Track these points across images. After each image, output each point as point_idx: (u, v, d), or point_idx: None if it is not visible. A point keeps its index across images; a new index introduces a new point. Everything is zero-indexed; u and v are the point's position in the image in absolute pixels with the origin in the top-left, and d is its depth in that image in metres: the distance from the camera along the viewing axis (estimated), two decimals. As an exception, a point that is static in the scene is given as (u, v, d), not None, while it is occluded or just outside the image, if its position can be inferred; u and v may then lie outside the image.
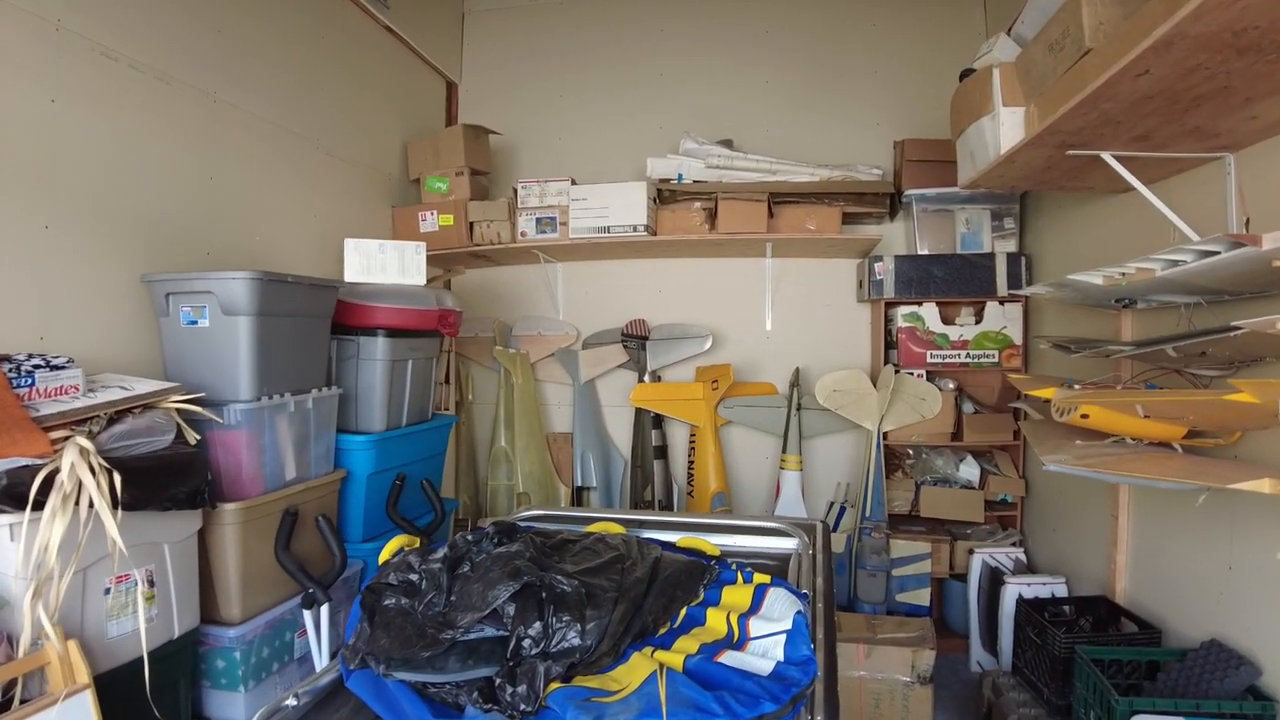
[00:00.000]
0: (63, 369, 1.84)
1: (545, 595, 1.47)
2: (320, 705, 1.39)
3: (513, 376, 3.84)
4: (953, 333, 3.37)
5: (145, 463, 1.84)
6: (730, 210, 3.36)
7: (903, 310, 3.40)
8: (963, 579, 3.28)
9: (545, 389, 4.08)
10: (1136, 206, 2.42)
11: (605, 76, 4.12)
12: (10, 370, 1.73)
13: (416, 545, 1.92)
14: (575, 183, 3.52)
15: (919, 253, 3.44)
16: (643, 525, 2.23)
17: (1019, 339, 3.33)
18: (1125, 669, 2.10)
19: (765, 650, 1.40)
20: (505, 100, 4.23)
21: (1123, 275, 1.79)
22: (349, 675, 1.40)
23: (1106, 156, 1.91)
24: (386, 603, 1.61)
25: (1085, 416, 1.82)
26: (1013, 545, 3.27)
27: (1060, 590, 2.82)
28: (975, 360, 3.36)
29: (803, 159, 3.56)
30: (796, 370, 3.66)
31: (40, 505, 1.57)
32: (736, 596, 1.61)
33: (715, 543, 2.15)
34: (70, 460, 1.62)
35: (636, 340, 3.82)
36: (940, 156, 3.25)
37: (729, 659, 1.36)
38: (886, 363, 3.49)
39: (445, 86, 4.28)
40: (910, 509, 3.47)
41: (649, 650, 1.44)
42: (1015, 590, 2.82)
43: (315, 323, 2.53)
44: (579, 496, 3.87)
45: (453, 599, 1.56)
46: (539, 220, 3.54)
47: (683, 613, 1.62)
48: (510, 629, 1.45)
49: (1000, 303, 3.35)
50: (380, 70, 3.66)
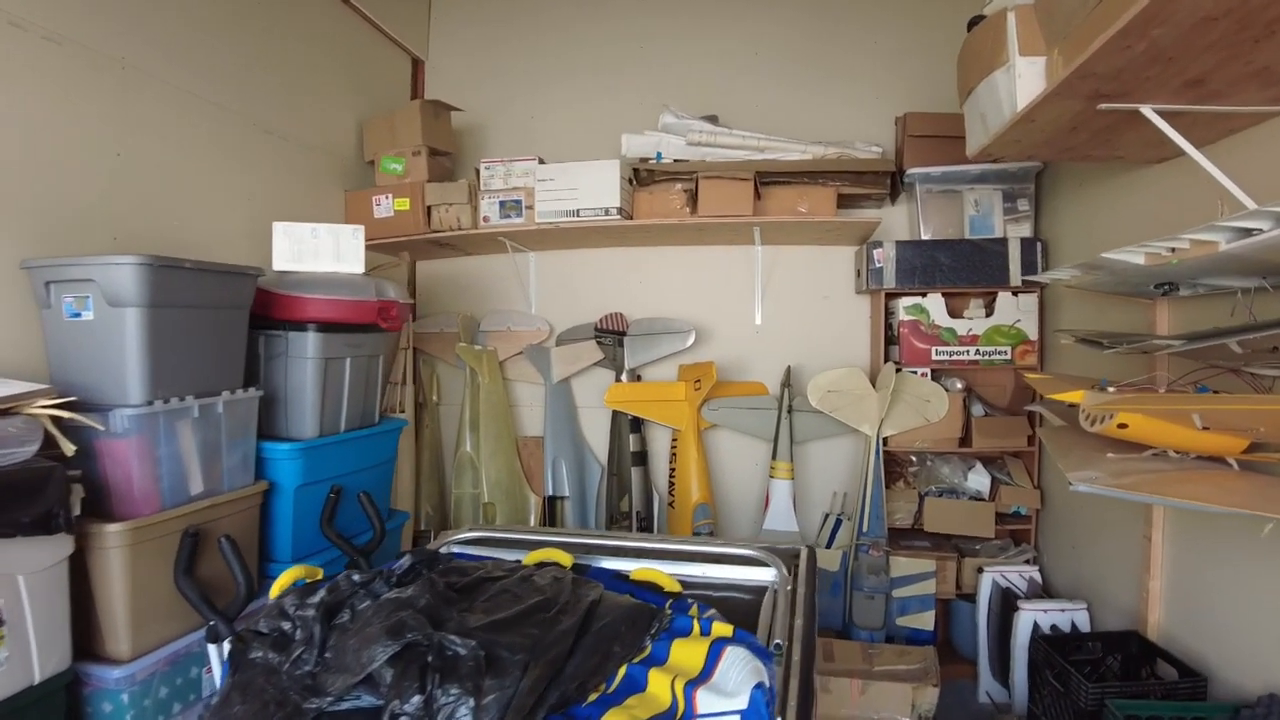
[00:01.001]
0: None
1: (432, 660, 1.15)
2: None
3: (479, 376, 3.52)
4: (960, 327, 3.02)
5: (-23, 482, 1.52)
6: (712, 191, 3.02)
7: (905, 302, 3.06)
8: (971, 599, 2.95)
9: (517, 389, 3.75)
10: (1174, 179, 2.09)
11: (583, 50, 3.79)
12: None
13: (318, 576, 1.61)
14: (543, 162, 3.19)
15: (922, 238, 3.10)
16: (594, 551, 1.91)
17: (1034, 334, 2.98)
18: (1166, 726, 1.76)
19: (713, 737, 1.08)
20: (476, 78, 3.90)
21: (1173, 251, 1.45)
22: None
23: (1148, 111, 1.57)
24: (253, 656, 1.30)
25: (1123, 426, 1.48)
26: (1026, 563, 2.94)
27: (1081, 618, 2.48)
28: (986, 357, 3.02)
29: (796, 136, 3.22)
30: (788, 369, 3.32)
31: None
32: (687, 655, 1.29)
33: (681, 572, 1.84)
34: None
35: (613, 336, 3.49)
36: (946, 131, 2.92)
37: (670, 745, 1.04)
38: (888, 360, 3.15)
39: (411, 64, 3.96)
40: (913, 522, 3.13)
41: (571, 728, 1.11)
42: (1030, 618, 2.49)
43: (228, 315, 2.21)
44: (551, 507, 3.54)
45: (327, 656, 1.24)
46: (503, 204, 3.21)
47: (621, 672, 1.29)
48: (385, 701, 1.13)
49: (1013, 293, 3.00)
50: (334, 44, 3.34)
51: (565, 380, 3.58)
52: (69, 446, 1.77)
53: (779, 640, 1.42)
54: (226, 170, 2.75)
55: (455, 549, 2.00)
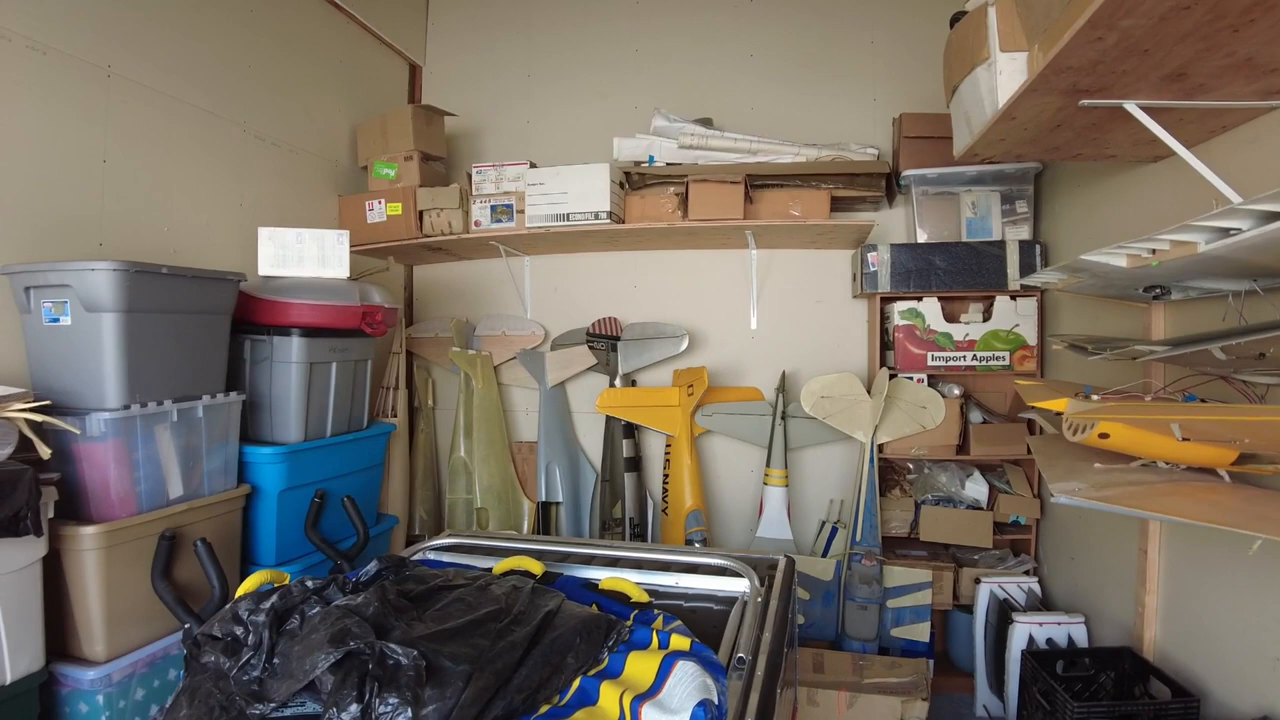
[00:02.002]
0: None
1: (372, 668, 1.12)
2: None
3: (473, 380, 3.50)
4: (957, 332, 2.96)
5: (-59, 485, 1.52)
6: (702, 194, 2.99)
7: (900, 306, 3.00)
8: (969, 610, 2.88)
9: (513, 394, 3.73)
10: (1170, 179, 2.03)
11: (577, 54, 3.76)
12: None
13: (285, 581, 1.59)
14: (535, 166, 3.17)
15: (919, 241, 3.04)
16: (566, 559, 1.88)
17: (1033, 339, 2.91)
18: (1155, 746, 1.70)
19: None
20: (473, 82, 3.90)
21: (1153, 253, 1.39)
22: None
23: (1131, 106, 1.52)
24: (205, 660, 1.28)
25: (1105, 436, 1.43)
26: (1025, 574, 2.87)
27: (1078, 632, 2.41)
28: (983, 363, 2.95)
29: (791, 138, 3.18)
30: (783, 374, 3.28)
31: None
32: (640, 668, 1.25)
33: (654, 582, 1.80)
34: None
35: (606, 341, 3.46)
36: (943, 132, 2.83)
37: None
38: (884, 365, 3.10)
39: (408, 69, 3.96)
40: (910, 531, 3.07)
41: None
42: (1025, 631, 2.43)
43: (208, 320, 2.21)
44: (545, 512, 3.51)
45: (274, 661, 1.22)
46: (494, 208, 3.19)
47: (575, 684, 1.26)
48: (324, 710, 1.11)
49: (1011, 297, 2.93)
50: (328, 50, 3.34)
51: (560, 385, 3.55)
52: (45, 450, 1.78)
53: (741, 654, 1.38)
54: (216, 176, 2.75)
55: (431, 555, 1.98)
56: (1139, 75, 1.42)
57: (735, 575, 1.75)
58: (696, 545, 3.13)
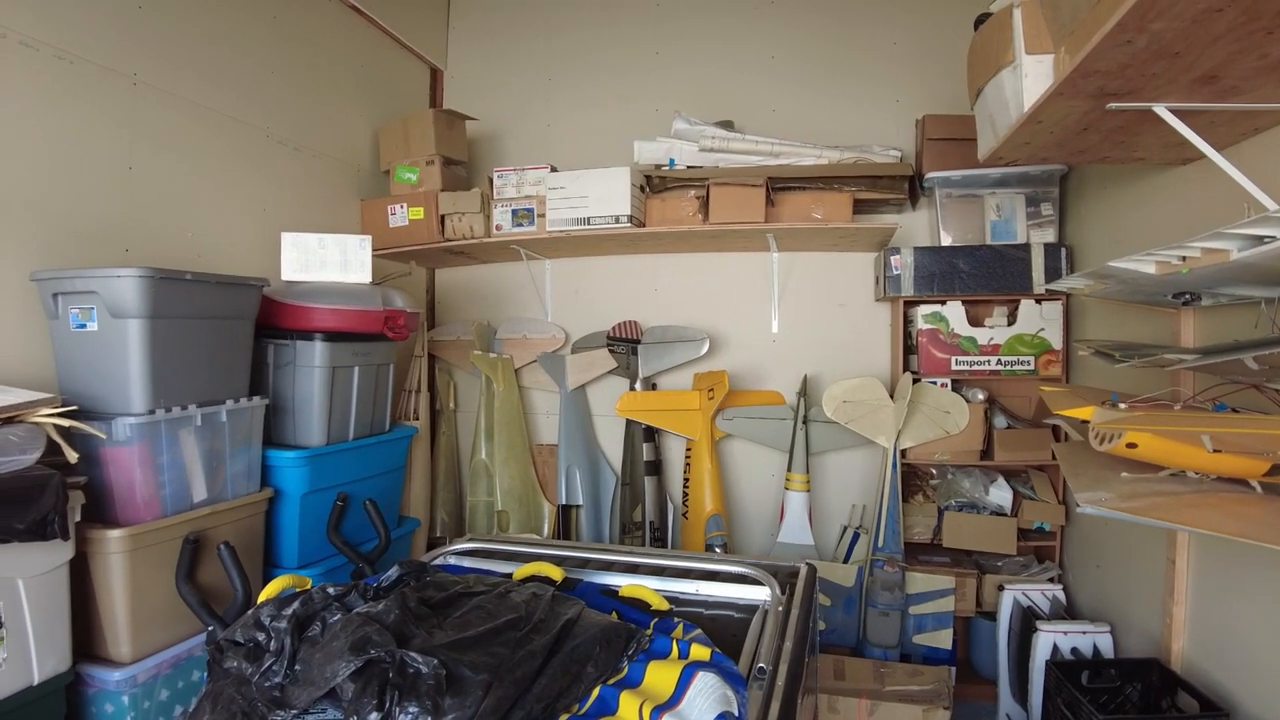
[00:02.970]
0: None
1: (393, 677, 1.13)
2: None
3: (494, 383, 3.51)
4: (981, 336, 2.93)
5: (-29, 489, 1.54)
6: (723, 197, 2.97)
7: (923, 310, 2.97)
8: (992, 618, 2.85)
9: (534, 397, 3.74)
10: (1200, 182, 1.99)
11: (598, 58, 3.77)
12: None
13: (307, 586, 1.60)
14: (555, 170, 3.18)
15: (943, 243, 3.01)
16: (586, 565, 1.88)
17: (1058, 343, 2.87)
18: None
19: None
20: (494, 86, 3.91)
21: (1183, 260, 1.36)
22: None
23: (1160, 110, 1.49)
24: (227, 665, 1.29)
25: (1133, 446, 1.40)
26: (1050, 582, 2.83)
27: (1104, 642, 2.37)
28: (1007, 368, 2.91)
29: (812, 141, 3.15)
30: (805, 378, 3.25)
31: None
32: (660, 679, 1.25)
33: (674, 589, 1.79)
34: None
35: (626, 344, 3.46)
36: (966, 134, 2.79)
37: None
38: (907, 369, 3.07)
39: (429, 74, 3.98)
40: (932, 537, 3.04)
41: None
42: (1050, 640, 2.39)
43: (232, 325, 2.24)
44: (565, 515, 3.51)
45: (296, 668, 1.23)
46: (515, 212, 3.20)
47: (595, 693, 1.26)
48: (344, 717, 1.12)
49: (1036, 301, 2.89)
50: (350, 55, 3.37)
51: (580, 388, 3.56)
52: (72, 454, 1.80)
53: (762, 664, 1.37)
54: (240, 181, 2.78)
55: (451, 560, 1.99)
56: (1169, 78, 1.40)
57: (756, 583, 1.74)
58: (717, 550, 3.12)
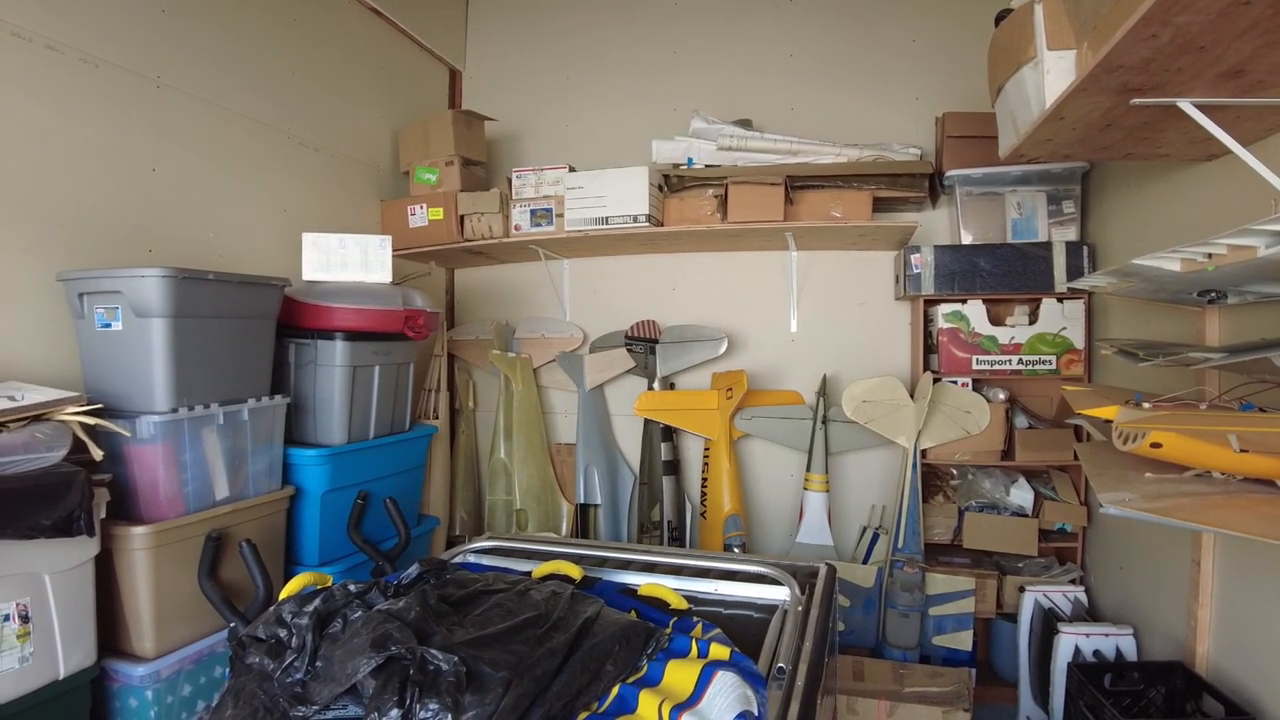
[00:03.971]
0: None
1: (413, 674, 1.13)
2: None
3: (513, 383, 3.53)
4: (1002, 335, 2.90)
5: (0, 485, 1.56)
6: (741, 196, 2.97)
7: (944, 309, 2.95)
8: (1013, 619, 2.82)
9: (552, 396, 3.75)
10: (1226, 178, 1.96)
11: (616, 57, 3.77)
12: None
13: (328, 583, 1.61)
14: (574, 170, 3.19)
15: (963, 242, 2.99)
16: (605, 564, 1.88)
17: (1080, 342, 2.84)
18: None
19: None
20: (512, 87, 3.93)
21: (1209, 257, 1.35)
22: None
23: (1185, 105, 1.47)
24: (250, 661, 1.31)
25: (1157, 446, 1.38)
26: (1071, 583, 2.80)
27: (1127, 644, 2.35)
28: (1029, 367, 2.89)
29: (831, 139, 3.14)
30: (824, 378, 3.24)
31: None
32: (679, 678, 1.25)
33: (693, 588, 1.79)
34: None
35: (644, 344, 3.46)
36: (987, 131, 2.77)
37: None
38: (928, 369, 3.04)
39: (449, 75, 4.00)
40: (953, 538, 3.01)
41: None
42: (1071, 642, 2.37)
43: (254, 325, 2.26)
44: (583, 515, 3.52)
45: (317, 664, 1.24)
46: (534, 212, 3.21)
47: (614, 691, 1.26)
48: (364, 713, 1.13)
49: (1058, 300, 2.86)
50: (370, 57, 3.40)
51: (598, 387, 3.56)
52: (97, 452, 1.82)
53: (782, 664, 1.37)
54: (261, 182, 2.81)
55: (471, 558, 2.00)
56: (1194, 73, 1.38)
57: (775, 583, 1.74)
58: (735, 550, 3.12)
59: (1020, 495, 2.94)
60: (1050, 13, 1.65)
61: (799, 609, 1.62)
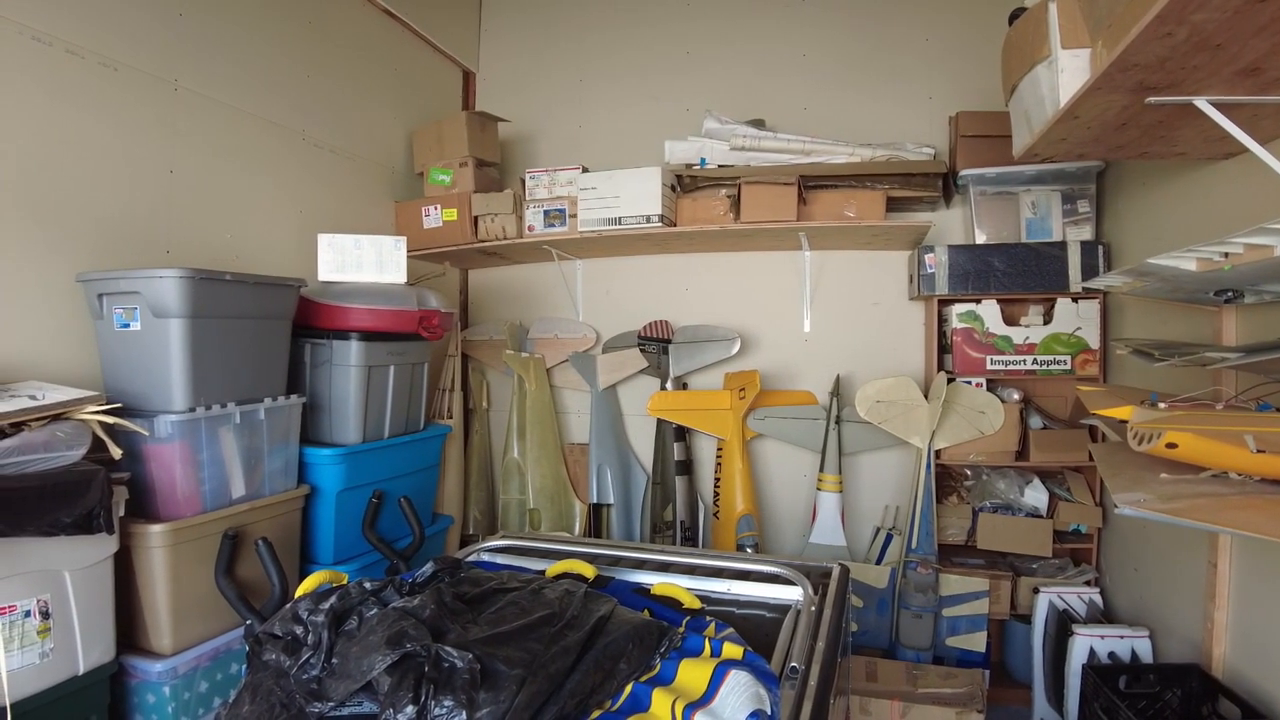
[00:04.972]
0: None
1: (428, 670, 1.14)
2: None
3: (526, 383, 3.54)
4: (1017, 335, 2.89)
5: (22, 483, 1.59)
6: (754, 196, 2.97)
7: (958, 309, 2.94)
8: (1027, 620, 2.81)
9: (565, 396, 3.76)
10: (1244, 177, 1.94)
11: (629, 58, 3.78)
12: None
13: (343, 581, 1.63)
14: (587, 170, 3.20)
15: (977, 242, 2.97)
16: (618, 563, 1.89)
17: (1095, 342, 2.82)
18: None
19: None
20: (525, 88, 3.94)
21: (1226, 256, 1.34)
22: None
23: (1201, 103, 1.46)
24: (266, 658, 1.32)
25: (1173, 446, 1.37)
26: (1086, 585, 2.78)
27: (1143, 646, 2.33)
28: (1043, 367, 2.87)
29: (844, 139, 3.13)
30: (837, 378, 3.23)
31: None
32: (692, 677, 1.25)
33: (706, 588, 1.80)
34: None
35: (657, 344, 3.47)
36: (1001, 130, 2.75)
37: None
38: (941, 369, 3.03)
39: (462, 76, 4.02)
40: (967, 539, 3.00)
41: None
42: (1086, 644, 2.35)
43: (270, 325, 2.28)
44: (596, 514, 3.53)
45: (333, 661, 1.26)
46: (547, 213, 3.23)
47: (627, 690, 1.27)
48: (380, 710, 1.14)
49: (1073, 300, 2.84)
50: (384, 59, 3.42)
51: (611, 388, 3.57)
52: (116, 450, 1.85)
53: (795, 664, 1.37)
54: (277, 183, 2.84)
55: (485, 556, 2.01)
56: (1210, 71, 1.37)
57: (788, 583, 1.74)
58: (748, 550, 3.12)
59: (1035, 496, 2.93)
60: (1064, 11, 1.64)
61: (812, 609, 1.62)
